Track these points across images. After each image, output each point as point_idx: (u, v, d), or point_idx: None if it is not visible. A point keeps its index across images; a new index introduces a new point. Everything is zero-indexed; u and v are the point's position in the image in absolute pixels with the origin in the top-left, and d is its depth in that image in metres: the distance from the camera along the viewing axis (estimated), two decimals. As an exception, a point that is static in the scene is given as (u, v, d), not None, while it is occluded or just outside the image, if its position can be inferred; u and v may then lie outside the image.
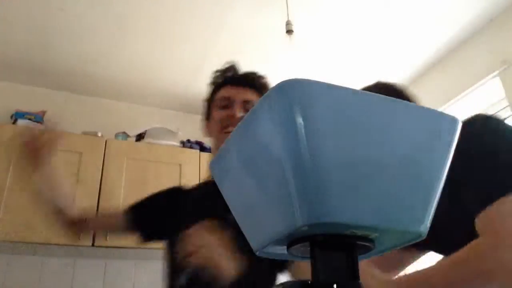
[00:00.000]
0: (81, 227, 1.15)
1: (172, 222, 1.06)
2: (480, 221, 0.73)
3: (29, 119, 2.29)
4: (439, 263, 0.77)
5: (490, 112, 2.28)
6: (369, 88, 1.08)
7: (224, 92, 1.12)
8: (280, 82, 0.40)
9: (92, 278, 2.26)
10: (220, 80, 1.14)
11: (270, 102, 0.41)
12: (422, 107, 0.45)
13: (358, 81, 2.61)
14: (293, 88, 0.40)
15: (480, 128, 0.82)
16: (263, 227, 0.47)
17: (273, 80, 0.46)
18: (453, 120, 0.46)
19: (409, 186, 0.43)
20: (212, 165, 0.56)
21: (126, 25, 2.12)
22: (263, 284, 0.98)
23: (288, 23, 1.82)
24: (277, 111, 0.40)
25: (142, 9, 2.01)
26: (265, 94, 0.41)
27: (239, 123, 0.47)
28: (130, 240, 1.21)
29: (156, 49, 2.30)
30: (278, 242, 0.45)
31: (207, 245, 0.85)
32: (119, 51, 2.31)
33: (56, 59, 2.34)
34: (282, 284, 0.46)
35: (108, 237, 2.05)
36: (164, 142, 2.48)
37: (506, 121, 0.86)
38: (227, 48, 2.29)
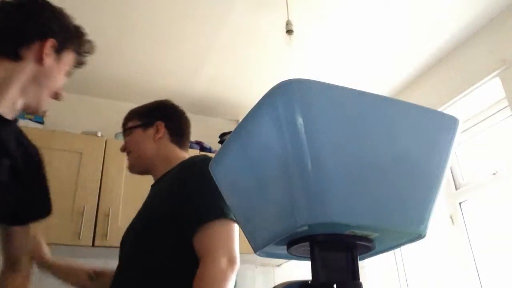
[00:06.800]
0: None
1: None
2: (195, 243, 0.97)
3: (29, 119, 2.29)
4: None
5: (490, 112, 2.28)
6: None
7: None
8: (281, 82, 0.40)
9: (92, 278, 2.26)
10: None
11: (271, 101, 0.41)
12: (422, 107, 0.45)
13: (358, 81, 2.61)
14: (294, 88, 0.40)
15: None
16: (263, 227, 0.47)
17: (273, 80, 0.46)
18: (453, 120, 0.46)
19: (409, 186, 0.43)
20: (212, 165, 0.56)
21: (126, 25, 2.12)
22: None
23: (288, 23, 1.82)
24: (278, 110, 0.40)
25: (142, 9, 2.01)
26: (266, 94, 0.41)
27: (239, 123, 0.47)
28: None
29: (156, 49, 2.30)
30: (278, 242, 0.45)
31: None
32: (119, 51, 2.31)
33: (56, 59, 2.34)
34: (281, 284, 0.46)
35: (108, 237, 2.05)
36: (164, 142, 2.48)
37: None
38: (227, 48, 2.29)
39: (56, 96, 0.99)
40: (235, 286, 1.00)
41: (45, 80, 0.92)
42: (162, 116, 1.31)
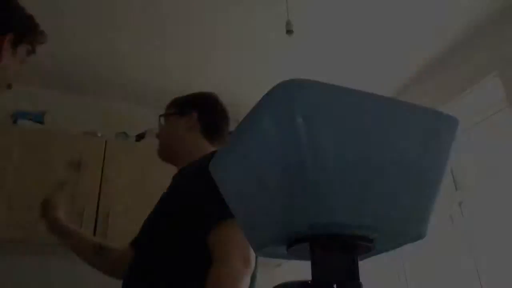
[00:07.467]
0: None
1: None
2: (209, 242, 0.96)
3: (29, 119, 2.29)
4: None
5: (490, 112, 2.28)
6: None
7: None
8: (281, 82, 0.40)
9: (92, 278, 2.25)
10: None
11: (271, 101, 0.41)
12: (422, 107, 0.45)
13: (358, 81, 2.61)
14: (294, 88, 0.40)
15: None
16: (263, 227, 0.47)
17: (273, 80, 0.46)
18: (453, 120, 0.46)
19: (408, 186, 0.43)
20: (213, 165, 0.56)
21: (126, 25, 2.12)
22: None
23: (288, 23, 1.82)
24: (278, 110, 0.40)
25: (142, 9, 2.01)
26: (266, 94, 0.41)
27: (239, 123, 0.47)
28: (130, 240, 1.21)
29: (156, 49, 2.30)
30: (278, 242, 0.45)
31: None
32: (119, 51, 2.31)
33: (57, 59, 2.34)
34: (281, 284, 0.46)
35: (108, 238, 2.05)
36: (164, 142, 2.48)
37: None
38: (227, 48, 2.29)
39: (9, 87, 1.00)
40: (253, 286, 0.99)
41: (2, 74, 0.92)
42: (198, 108, 1.30)
